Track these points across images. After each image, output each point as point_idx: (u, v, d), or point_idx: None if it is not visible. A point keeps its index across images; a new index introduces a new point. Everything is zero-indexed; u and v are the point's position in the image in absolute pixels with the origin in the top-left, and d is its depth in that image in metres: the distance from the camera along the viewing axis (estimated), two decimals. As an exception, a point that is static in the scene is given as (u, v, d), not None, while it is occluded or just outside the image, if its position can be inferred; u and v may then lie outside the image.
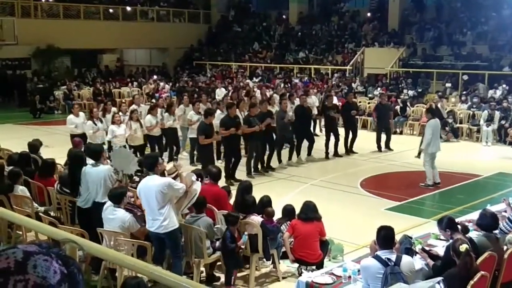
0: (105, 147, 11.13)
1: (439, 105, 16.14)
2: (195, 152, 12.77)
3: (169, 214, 6.08)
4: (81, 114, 12.78)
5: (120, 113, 12.77)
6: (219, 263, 6.81)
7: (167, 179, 6.30)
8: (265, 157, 12.52)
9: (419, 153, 11.59)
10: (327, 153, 13.89)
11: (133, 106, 13.80)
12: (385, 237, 5.02)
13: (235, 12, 32.79)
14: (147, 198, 6.16)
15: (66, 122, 12.70)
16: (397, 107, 18.12)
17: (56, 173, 9.08)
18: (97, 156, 7.20)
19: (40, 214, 7.29)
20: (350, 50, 25.87)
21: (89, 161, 7.36)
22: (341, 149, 14.21)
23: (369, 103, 19.64)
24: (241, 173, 11.70)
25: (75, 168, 7.47)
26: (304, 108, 13.55)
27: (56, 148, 12.02)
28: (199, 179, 7.01)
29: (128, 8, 29.28)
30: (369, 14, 27.59)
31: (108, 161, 7.85)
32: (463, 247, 4.90)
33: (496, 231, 6.01)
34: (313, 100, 16.36)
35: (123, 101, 16.29)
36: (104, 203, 6.61)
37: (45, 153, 10.38)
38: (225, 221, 6.68)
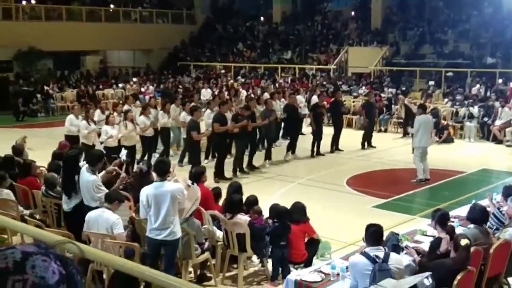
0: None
1: (406, 102, 16.54)
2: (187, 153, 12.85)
3: (177, 221, 6.08)
4: (81, 116, 12.76)
5: (115, 114, 12.79)
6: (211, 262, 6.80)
7: (180, 185, 6.21)
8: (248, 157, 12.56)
9: (413, 149, 11.73)
10: (312, 151, 13.93)
11: (126, 107, 13.84)
12: (373, 234, 5.05)
13: (218, 12, 32.76)
14: (159, 206, 5.94)
15: (66, 121, 12.58)
16: (385, 104, 18.32)
17: (41, 176, 8.99)
18: (96, 161, 6.99)
19: (26, 217, 7.20)
20: (334, 49, 25.97)
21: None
22: (325, 147, 14.26)
23: (353, 101, 19.73)
24: (226, 173, 11.75)
25: (70, 170, 7.15)
26: (295, 107, 13.71)
27: (38, 152, 11.88)
28: (195, 183, 6.94)
29: (111, 7, 29.06)
30: (352, 14, 27.73)
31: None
32: (464, 241, 4.99)
33: (485, 226, 6.08)
34: (301, 99, 16.47)
35: (121, 102, 16.25)
36: (91, 207, 6.56)
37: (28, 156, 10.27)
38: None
